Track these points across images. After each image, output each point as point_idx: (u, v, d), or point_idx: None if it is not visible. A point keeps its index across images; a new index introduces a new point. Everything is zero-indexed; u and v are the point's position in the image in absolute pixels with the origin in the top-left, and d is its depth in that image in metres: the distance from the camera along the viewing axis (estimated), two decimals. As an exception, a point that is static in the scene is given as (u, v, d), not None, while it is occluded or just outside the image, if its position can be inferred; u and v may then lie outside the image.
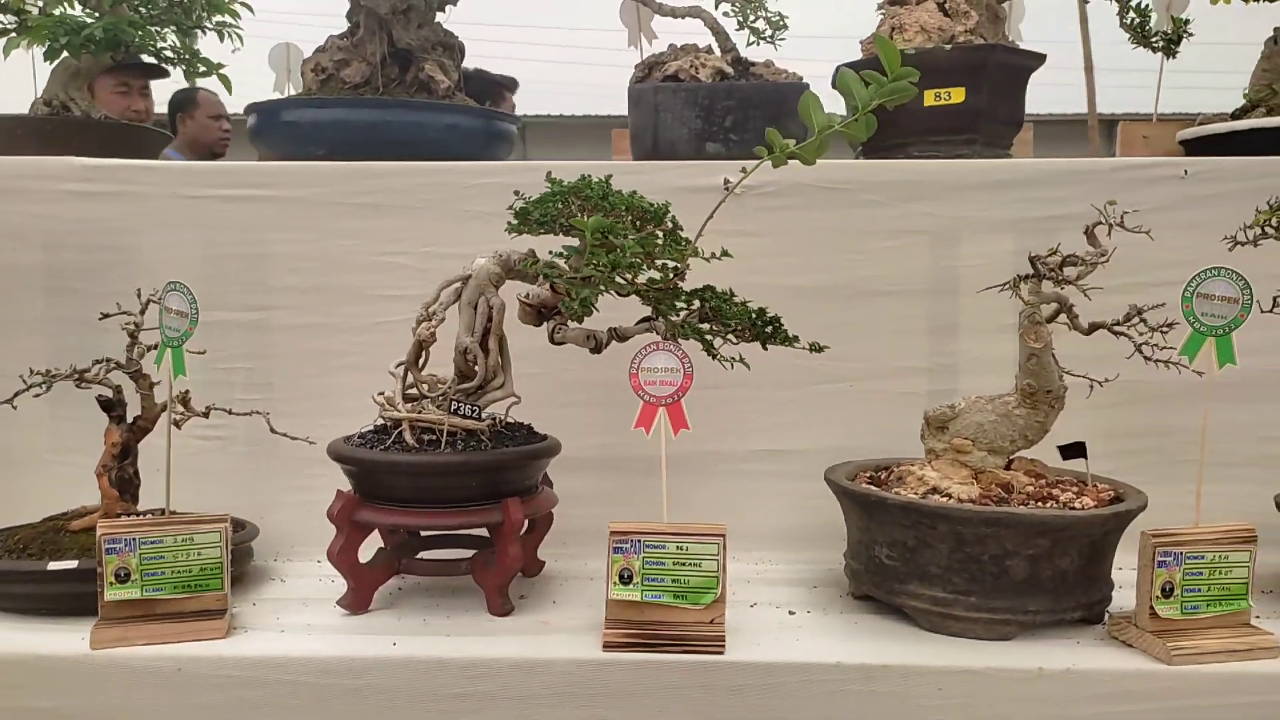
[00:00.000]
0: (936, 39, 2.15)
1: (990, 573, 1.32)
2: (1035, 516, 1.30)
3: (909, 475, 1.47)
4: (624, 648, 1.27)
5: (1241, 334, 1.72)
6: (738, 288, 1.93)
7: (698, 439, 1.91)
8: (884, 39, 1.37)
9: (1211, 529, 1.31)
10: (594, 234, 1.31)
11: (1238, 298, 1.35)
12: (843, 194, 1.94)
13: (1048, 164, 1.99)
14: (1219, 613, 1.30)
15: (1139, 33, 2.24)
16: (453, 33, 2.37)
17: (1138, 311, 1.45)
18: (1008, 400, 1.50)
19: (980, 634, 1.34)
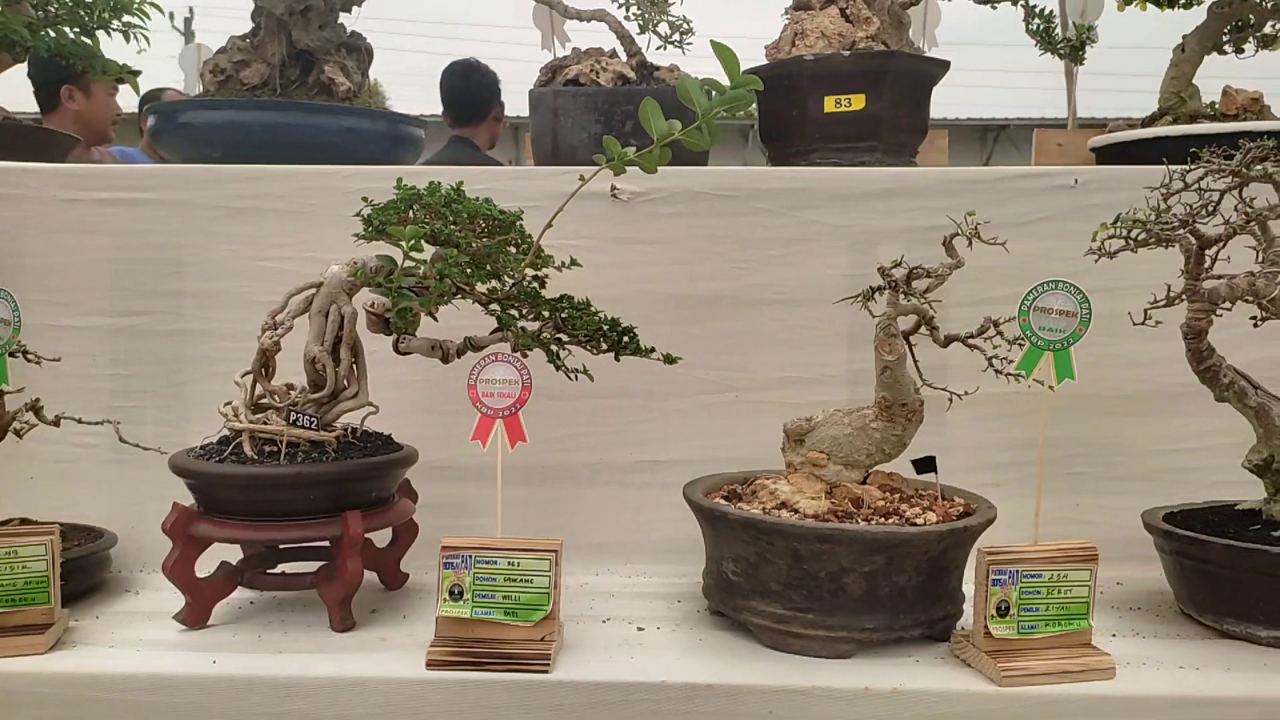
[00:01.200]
0: (837, 45, 2.12)
1: (828, 590, 1.30)
2: (868, 533, 1.28)
3: (763, 489, 1.45)
4: (447, 666, 1.25)
5: (1131, 345, 1.71)
6: (625, 296, 1.92)
7: (580, 449, 1.91)
8: (722, 45, 1.34)
9: (1050, 547, 1.29)
10: (411, 243, 1.29)
11: (1075, 311, 1.33)
12: (732, 201, 1.92)
13: (940, 173, 1.97)
14: (1057, 633, 1.27)
15: (1045, 39, 2.22)
16: (360, 34, 2.34)
17: (993, 324, 1.42)
18: (865, 413, 1.48)
19: (818, 652, 1.31)
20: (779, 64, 2.16)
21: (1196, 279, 1.41)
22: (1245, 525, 1.46)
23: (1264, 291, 1.38)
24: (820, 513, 1.36)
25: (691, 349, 1.91)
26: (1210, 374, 1.44)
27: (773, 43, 2.23)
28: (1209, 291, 1.41)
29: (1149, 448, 1.87)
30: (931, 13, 2.46)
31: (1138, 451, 1.87)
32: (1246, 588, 1.37)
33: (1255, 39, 2.36)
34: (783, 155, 2.22)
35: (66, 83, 3.40)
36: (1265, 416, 1.43)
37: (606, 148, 1.33)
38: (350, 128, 2.13)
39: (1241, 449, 1.51)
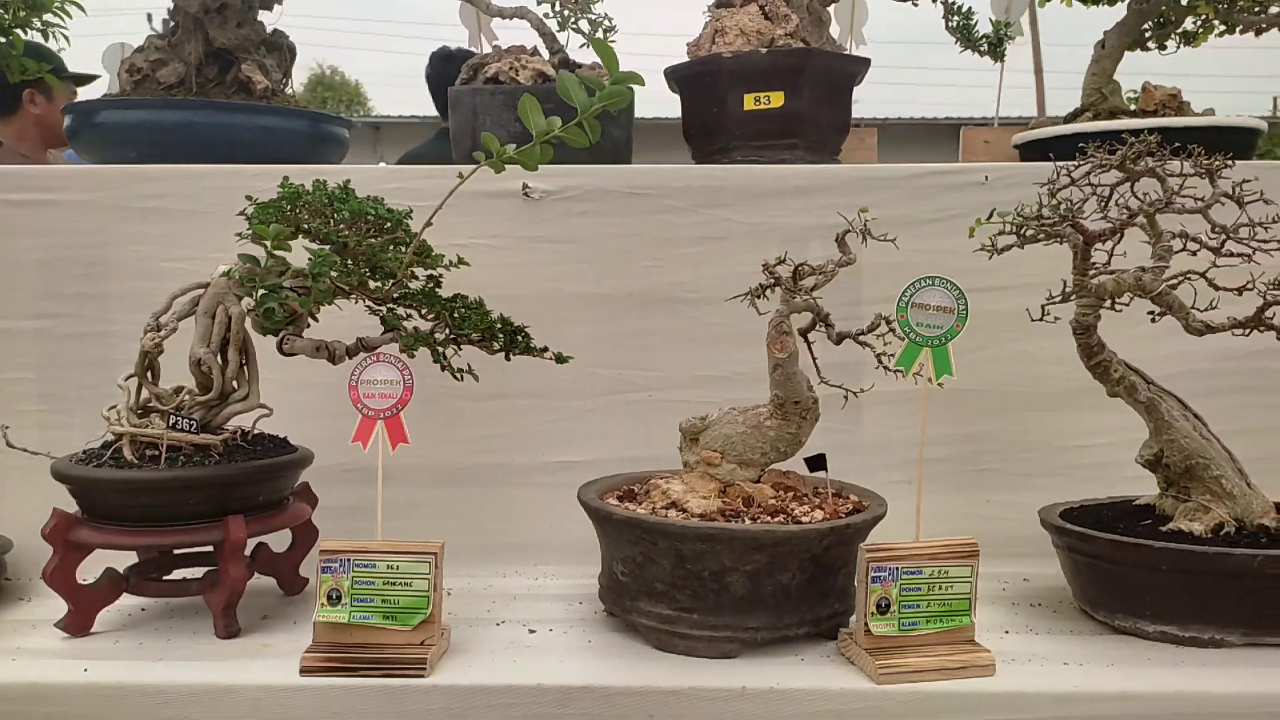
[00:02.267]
0: (756, 42, 2.12)
1: (711, 589, 1.29)
2: (748, 532, 1.27)
3: (656, 489, 1.44)
4: (321, 672, 1.23)
5: (1042, 342, 1.71)
6: (538, 295, 1.91)
7: (492, 450, 1.89)
8: (602, 43, 1.33)
9: (931, 544, 1.28)
10: (274, 242, 1.27)
11: (953, 308, 1.33)
12: (644, 199, 1.91)
13: (854, 170, 1.97)
14: (939, 629, 1.27)
15: (964, 36, 2.22)
16: (282, 32, 2.32)
17: (884, 320, 1.42)
18: (760, 412, 1.47)
19: (704, 652, 1.30)
20: (698, 61, 2.16)
21: (1084, 274, 1.41)
22: (1138, 520, 1.46)
23: (1150, 286, 1.38)
24: (709, 512, 1.35)
25: (605, 348, 1.92)
26: (1101, 369, 1.44)
27: (693, 40, 2.22)
28: (1096, 287, 1.41)
29: (1060, 444, 1.87)
30: (859, 11, 2.46)
31: (1049, 448, 1.87)
32: (1133, 582, 1.37)
33: (1177, 36, 2.37)
34: (705, 153, 2.21)
35: (29, 86, 3.33)
36: (1154, 411, 1.43)
37: (485, 144, 1.32)
38: (266, 126, 2.10)
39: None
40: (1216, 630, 1.32)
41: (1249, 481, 1.43)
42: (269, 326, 1.32)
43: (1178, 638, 1.34)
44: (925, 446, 1.89)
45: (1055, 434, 1.88)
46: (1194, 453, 1.40)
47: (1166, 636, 1.35)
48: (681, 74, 2.20)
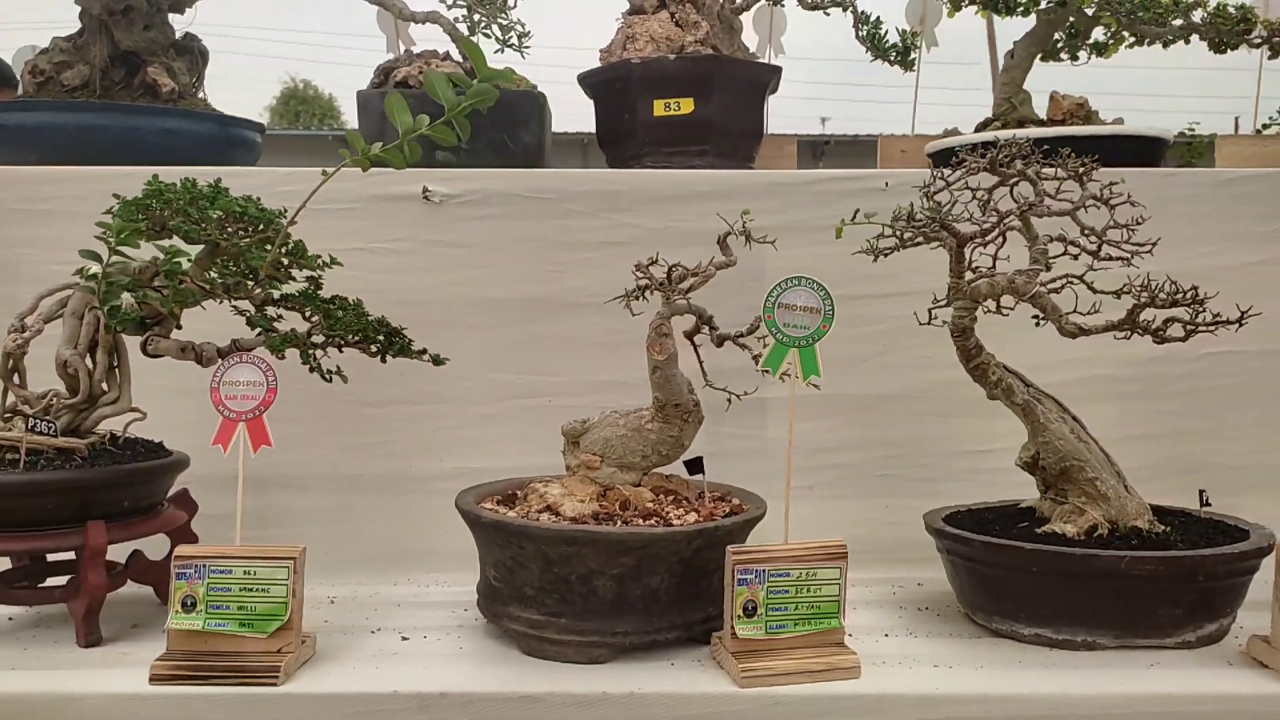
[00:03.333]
0: (665, 49, 2.12)
1: (579, 593, 1.27)
2: (612, 535, 1.25)
3: (534, 493, 1.42)
4: (171, 680, 1.20)
5: (943, 348, 1.71)
6: (438, 300, 1.89)
7: (389, 456, 1.86)
8: (470, 42, 1.33)
9: (799, 546, 1.27)
10: (119, 239, 1.24)
11: (819, 308, 1.32)
12: (546, 204, 1.90)
13: (758, 175, 1.98)
14: (807, 632, 1.26)
15: (874, 46, 2.24)
16: (194, 36, 2.29)
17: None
18: (642, 415, 1.46)
19: (572, 657, 1.28)
20: (608, 67, 2.16)
21: (960, 277, 1.41)
22: (1019, 523, 1.46)
23: (1023, 289, 1.38)
24: (582, 515, 1.34)
25: (506, 353, 1.90)
26: (979, 371, 1.44)
27: (605, 47, 2.22)
28: (971, 289, 1.41)
29: (963, 448, 1.88)
30: (778, 21, 2.47)
31: (952, 453, 1.87)
32: (1008, 585, 1.37)
33: (1088, 47, 2.41)
34: (617, 159, 2.21)
35: None
36: (1031, 414, 1.43)
37: (350, 142, 1.30)
38: (170, 129, 2.07)
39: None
40: (1089, 633, 1.32)
41: (1126, 484, 1.44)
42: (114, 325, 1.29)
43: (1051, 640, 1.34)
44: (830, 453, 1.91)
45: (958, 439, 1.89)
46: (1068, 455, 1.40)
47: (1041, 639, 1.35)
48: (593, 80, 2.20)
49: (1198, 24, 2.19)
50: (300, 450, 1.83)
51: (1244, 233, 1.90)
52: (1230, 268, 1.89)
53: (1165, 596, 1.30)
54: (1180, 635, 1.32)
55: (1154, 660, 1.29)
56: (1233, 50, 2.25)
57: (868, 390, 1.90)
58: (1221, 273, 1.88)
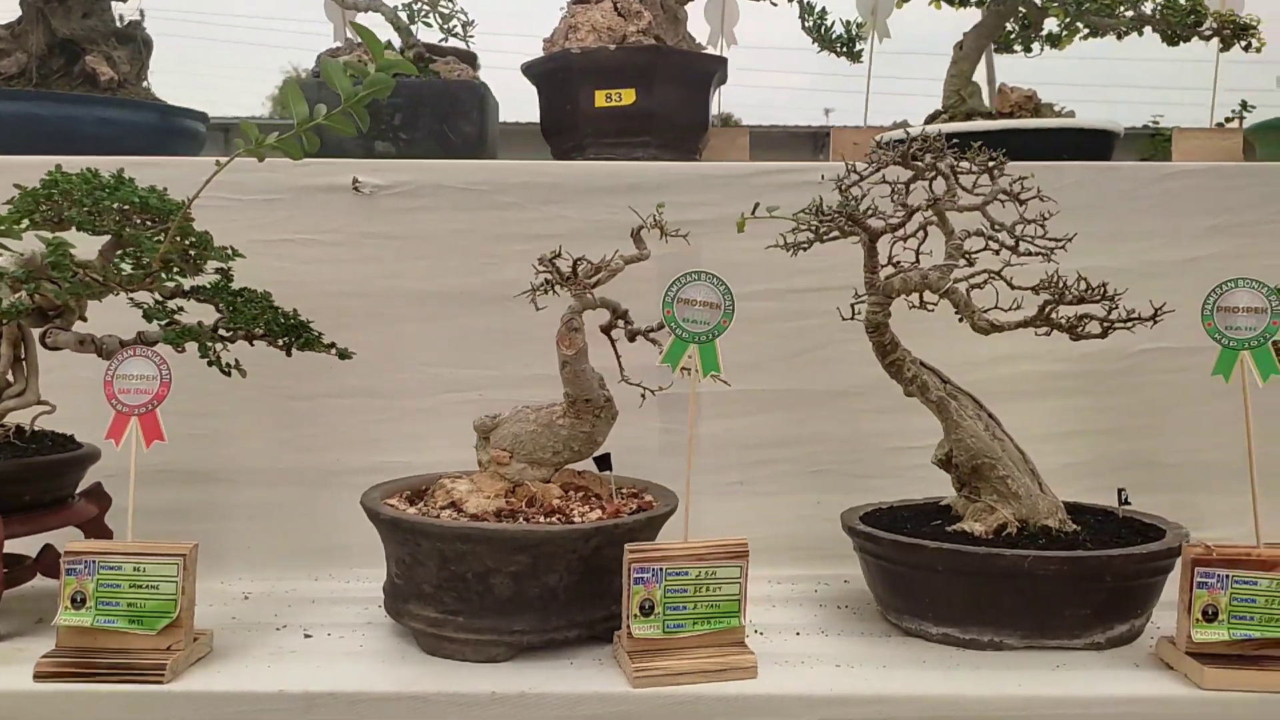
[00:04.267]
0: (607, 39, 2.09)
1: (476, 591, 1.26)
2: (506, 532, 1.24)
3: (441, 489, 1.41)
4: (56, 677, 1.18)
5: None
6: (369, 292, 1.87)
7: (317, 450, 1.85)
8: (364, 29, 1.30)
9: (699, 544, 1.26)
10: (2, 229, 1.22)
11: (719, 303, 1.30)
12: (478, 195, 1.87)
13: (692, 168, 1.95)
14: (706, 631, 1.24)
15: (820, 37, 2.21)
16: (139, 24, 2.27)
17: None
18: (554, 410, 1.44)
19: (470, 656, 1.27)
20: (549, 57, 2.13)
21: (873, 272, 1.39)
22: (935, 520, 1.45)
23: (936, 285, 1.36)
24: (484, 512, 1.32)
25: (438, 347, 1.88)
26: (895, 368, 1.42)
27: (549, 36, 2.19)
28: (883, 284, 1.39)
29: (896, 444, 1.85)
30: (730, 11, 2.44)
31: (884, 448, 1.86)
32: (916, 584, 1.35)
33: (1040, 38, 2.38)
34: (561, 150, 2.19)
35: None
36: (945, 411, 1.41)
37: (244, 131, 1.28)
38: (108, 119, 2.05)
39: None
40: (995, 633, 1.30)
41: (1041, 483, 1.42)
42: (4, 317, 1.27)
43: (959, 640, 1.32)
44: (764, 448, 1.89)
45: (894, 435, 1.86)
46: (980, 452, 1.39)
47: (949, 639, 1.33)
48: (535, 70, 2.17)
49: (1149, 16, 2.16)
50: (228, 444, 1.82)
51: (1188, 227, 1.88)
52: (1174, 262, 1.87)
53: (1071, 597, 1.28)
54: (1089, 636, 1.30)
55: (1060, 661, 1.28)
56: (1185, 42, 2.22)
57: (804, 385, 1.88)
58: (1165, 267, 1.87)
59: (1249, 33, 2.12)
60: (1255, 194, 1.87)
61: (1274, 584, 1.21)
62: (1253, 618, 1.21)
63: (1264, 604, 1.21)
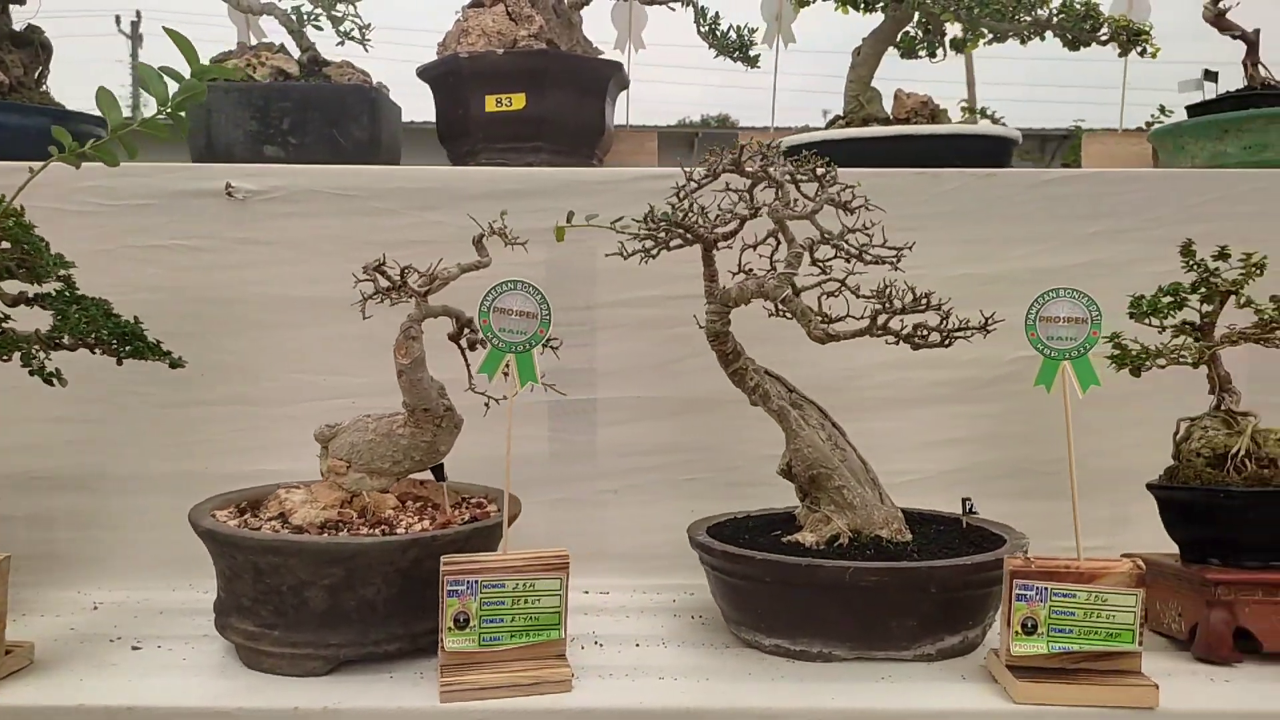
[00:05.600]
0: (497, 43, 2.08)
1: (291, 604, 1.24)
2: (316, 544, 1.22)
3: (274, 500, 1.39)
4: None
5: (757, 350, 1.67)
6: (242, 298, 1.85)
7: (188, 458, 1.83)
8: (176, 33, 1.28)
9: (517, 556, 1.24)
10: None
11: (536, 313, 1.29)
12: (353, 201, 1.86)
13: (570, 173, 1.93)
14: (524, 644, 1.23)
15: (716, 42, 2.20)
16: (37, 28, 2.25)
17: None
18: (395, 419, 1.43)
19: (287, 670, 1.25)
20: (440, 61, 2.12)
21: (711, 280, 1.38)
22: (777, 530, 1.43)
23: (772, 293, 1.35)
24: (311, 523, 1.30)
25: (310, 354, 1.86)
26: (738, 376, 1.41)
27: (442, 40, 2.18)
28: (721, 293, 1.38)
29: (770, 452, 1.83)
30: (637, 16, 2.43)
31: (758, 456, 1.82)
32: (749, 595, 1.34)
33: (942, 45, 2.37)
34: (456, 155, 2.18)
35: None
36: (785, 420, 1.40)
37: (56, 137, 1.26)
38: (0, 123, 2.03)
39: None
40: (824, 644, 1.29)
41: (882, 493, 1.41)
42: None
43: (789, 651, 1.31)
44: (640, 456, 1.88)
45: (769, 442, 1.84)
46: (816, 462, 1.37)
47: (780, 650, 1.32)
48: (429, 75, 2.16)
49: (1047, 21, 2.15)
50: (99, 451, 1.80)
51: (1065, 234, 1.87)
52: (1050, 270, 1.85)
53: (895, 608, 1.27)
54: (919, 648, 1.29)
55: (887, 673, 1.27)
56: (1086, 47, 2.22)
57: (683, 392, 1.87)
58: (1042, 275, 1.85)
59: (1142, 38, 2.11)
60: (1136, 199, 1.87)
61: (1093, 597, 1.20)
62: (1072, 630, 1.20)
63: (1083, 617, 1.20)
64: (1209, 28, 2.17)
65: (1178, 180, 1.90)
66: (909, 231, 1.88)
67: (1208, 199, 1.88)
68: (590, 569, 1.78)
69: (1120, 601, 1.19)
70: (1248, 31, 2.15)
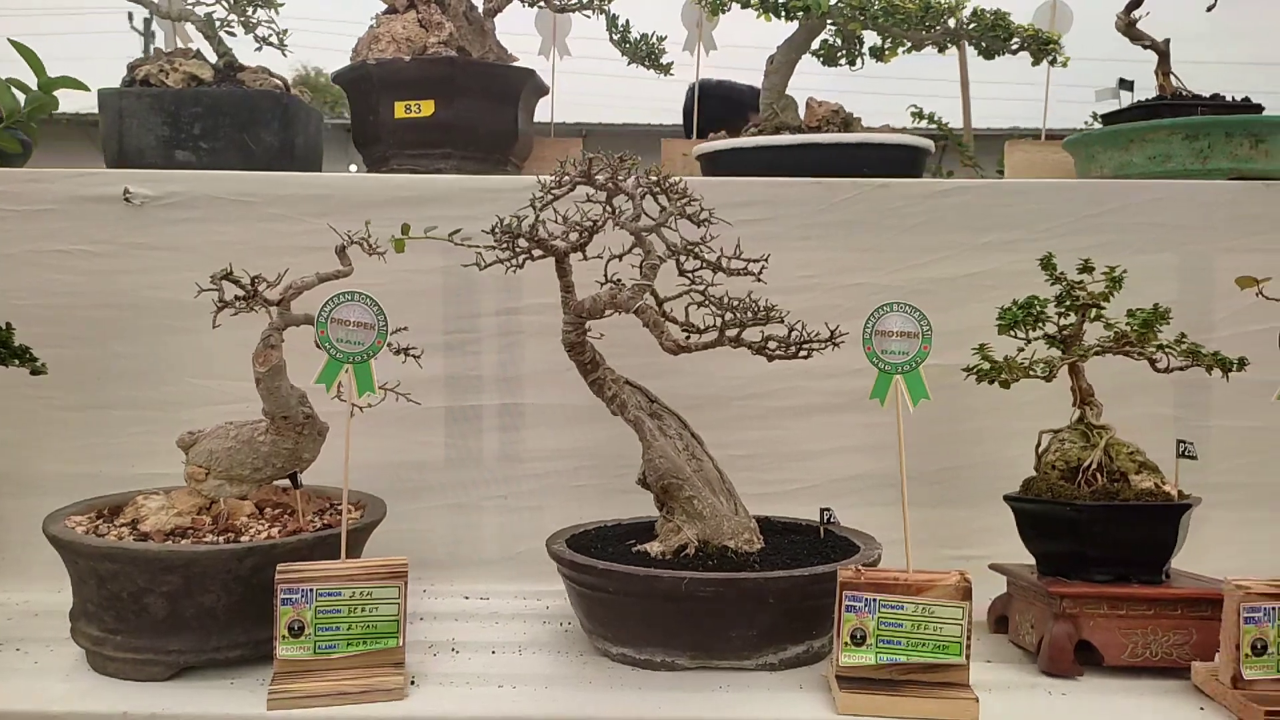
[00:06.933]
0: (407, 50, 2.09)
1: (132, 610, 1.25)
2: (149, 552, 1.24)
3: (132, 505, 1.40)
4: None
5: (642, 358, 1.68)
6: (137, 303, 1.87)
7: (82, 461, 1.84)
8: (22, 46, 1.30)
9: (353, 564, 1.26)
10: None
11: (373, 324, 1.30)
12: (249, 207, 1.87)
13: (466, 181, 1.94)
14: (360, 651, 1.24)
15: (628, 50, 2.21)
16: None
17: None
18: (257, 426, 1.44)
19: (131, 674, 1.27)
20: (350, 68, 2.13)
21: (566, 291, 1.39)
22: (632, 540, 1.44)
23: (624, 304, 1.36)
24: (159, 529, 1.32)
25: (207, 359, 1.88)
26: (597, 386, 1.42)
27: (355, 47, 2.19)
28: (575, 305, 1.39)
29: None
30: (562, 23, 2.44)
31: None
32: (597, 604, 1.35)
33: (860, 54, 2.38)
34: (370, 160, 2.19)
35: None
36: (640, 430, 1.41)
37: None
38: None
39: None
40: (666, 653, 1.30)
41: (737, 504, 1.42)
42: None
43: (635, 660, 1.32)
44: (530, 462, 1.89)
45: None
46: (667, 472, 1.38)
47: (626, 659, 1.33)
48: (341, 81, 2.18)
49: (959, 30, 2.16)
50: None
51: (956, 244, 1.88)
52: (941, 280, 1.87)
53: (735, 618, 1.28)
54: (761, 658, 1.30)
55: (726, 683, 1.28)
56: (1000, 56, 2.22)
57: (572, 399, 1.87)
58: (933, 285, 1.87)
59: (1051, 47, 2.12)
60: (1029, 211, 1.87)
61: (920, 609, 1.21)
62: (901, 642, 1.21)
63: (911, 628, 1.21)
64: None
65: (1072, 191, 1.90)
66: (807, 240, 1.91)
67: (1104, 210, 1.89)
68: (475, 574, 1.81)
69: (948, 614, 1.20)
70: (1158, 41, 2.15)
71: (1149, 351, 1.41)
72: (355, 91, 2.17)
